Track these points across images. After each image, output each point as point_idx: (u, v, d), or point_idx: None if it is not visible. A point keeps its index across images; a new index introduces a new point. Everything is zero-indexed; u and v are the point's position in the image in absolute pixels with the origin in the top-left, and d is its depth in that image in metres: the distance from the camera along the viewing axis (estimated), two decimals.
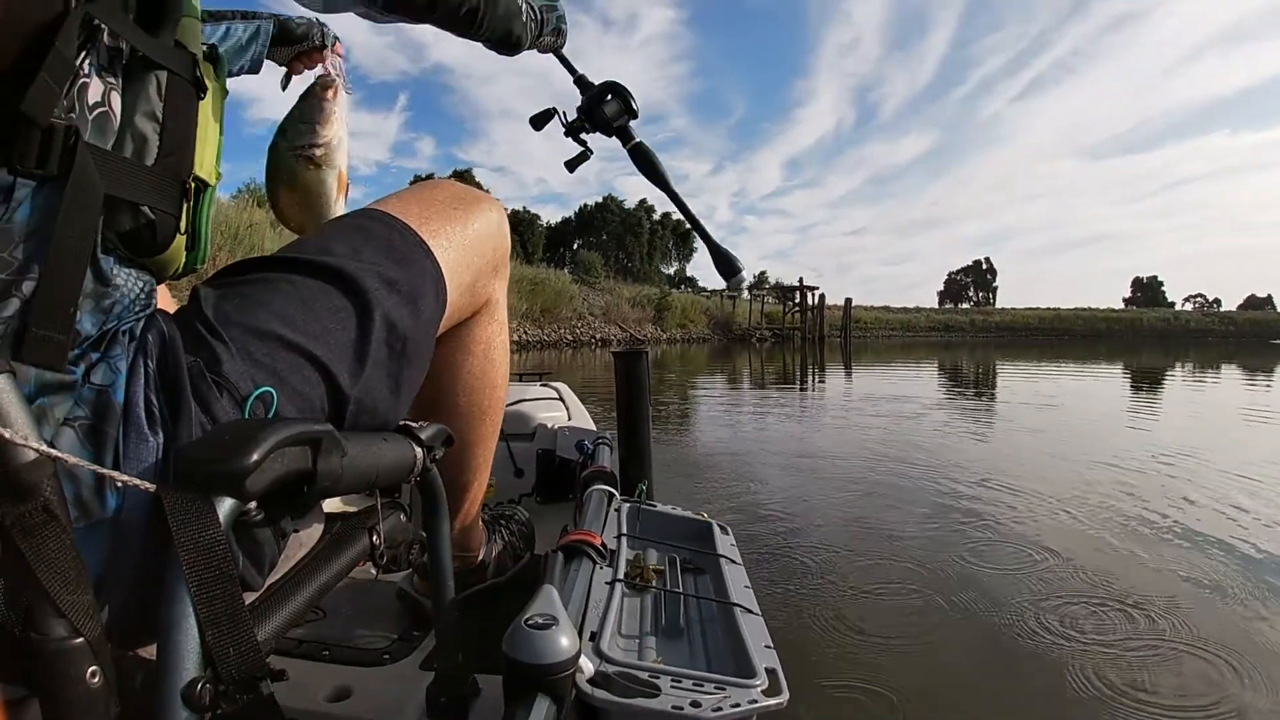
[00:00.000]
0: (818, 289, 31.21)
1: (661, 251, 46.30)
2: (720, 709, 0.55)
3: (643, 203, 45.56)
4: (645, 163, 1.09)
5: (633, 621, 0.77)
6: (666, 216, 46.81)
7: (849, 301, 33.41)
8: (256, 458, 0.34)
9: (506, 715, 0.50)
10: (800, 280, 31.25)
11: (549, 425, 1.46)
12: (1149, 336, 41.12)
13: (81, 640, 0.30)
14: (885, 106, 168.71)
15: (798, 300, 31.31)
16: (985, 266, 79.01)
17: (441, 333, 0.64)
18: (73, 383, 0.35)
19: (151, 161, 0.41)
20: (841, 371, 10.96)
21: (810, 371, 11.00)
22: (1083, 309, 56.89)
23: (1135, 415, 5.59)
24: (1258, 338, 37.87)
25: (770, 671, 0.62)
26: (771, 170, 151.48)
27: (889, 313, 47.73)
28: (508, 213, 0.76)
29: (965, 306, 69.59)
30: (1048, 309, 55.64)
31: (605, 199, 45.30)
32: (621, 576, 0.80)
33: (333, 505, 0.54)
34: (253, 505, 0.37)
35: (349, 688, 0.74)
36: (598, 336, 21.69)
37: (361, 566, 0.52)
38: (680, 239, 47.70)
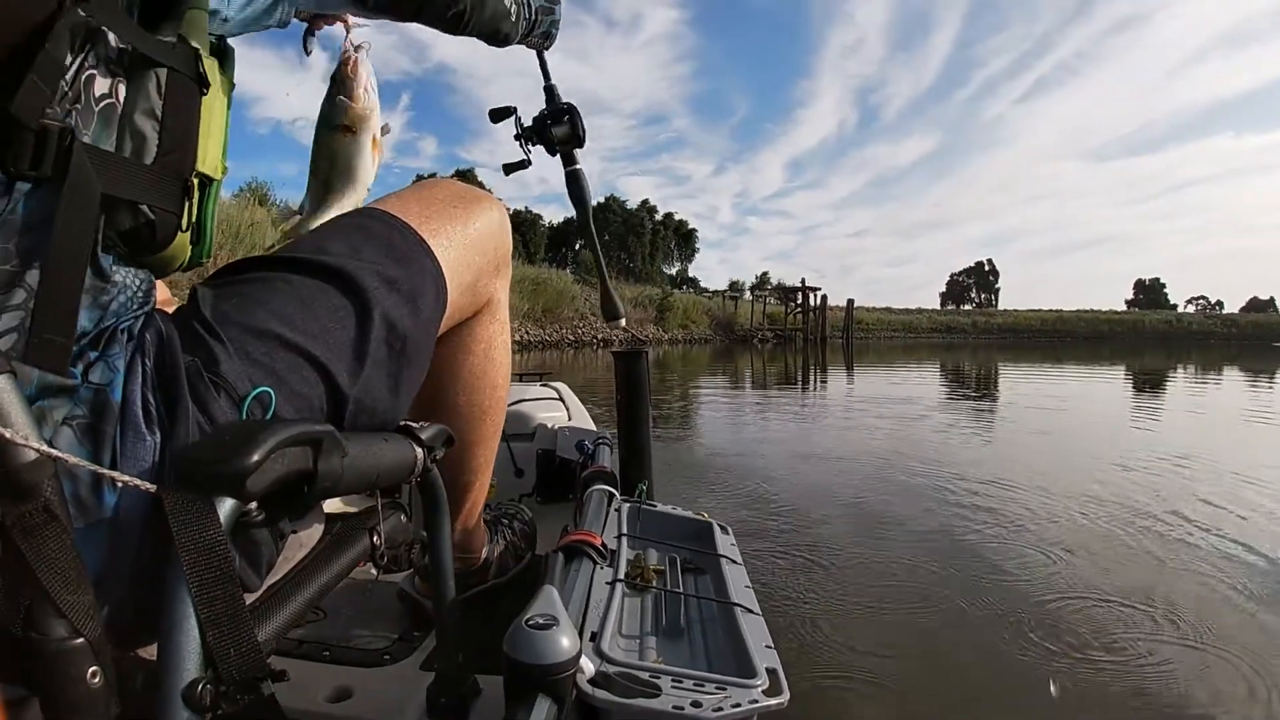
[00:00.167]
0: (820, 290, 31.25)
1: (664, 252, 46.30)
2: (721, 709, 0.55)
3: (645, 203, 45.68)
4: (575, 190, 1.18)
5: (633, 622, 0.77)
6: (669, 217, 46.85)
7: (851, 303, 33.37)
8: (257, 458, 0.34)
9: (507, 716, 0.50)
10: (803, 281, 31.25)
11: (549, 425, 1.47)
12: (1151, 338, 41.08)
13: (82, 640, 0.30)
14: (888, 108, 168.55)
15: (800, 301, 31.29)
16: (988, 268, 78.96)
17: (442, 332, 0.64)
18: (74, 386, 0.35)
19: (151, 160, 0.41)
20: (843, 373, 10.95)
21: (812, 372, 10.99)
22: (1085, 311, 56.81)
23: (1141, 418, 5.59)
24: (1260, 340, 37.79)
25: (771, 671, 0.62)
26: (774, 171, 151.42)
27: (891, 314, 47.69)
28: (510, 212, 0.76)
29: (967, 308, 69.49)
30: (1050, 311, 55.57)
31: (607, 199, 45.24)
32: (622, 576, 0.80)
33: (333, 505, 0.54)
34: (253, 506, 0.36)
35: (349, 688, 0.74)
36: (599, 337, 21.67)
37: (362, 567, 0.52)
38: (682, 239, 47.71)
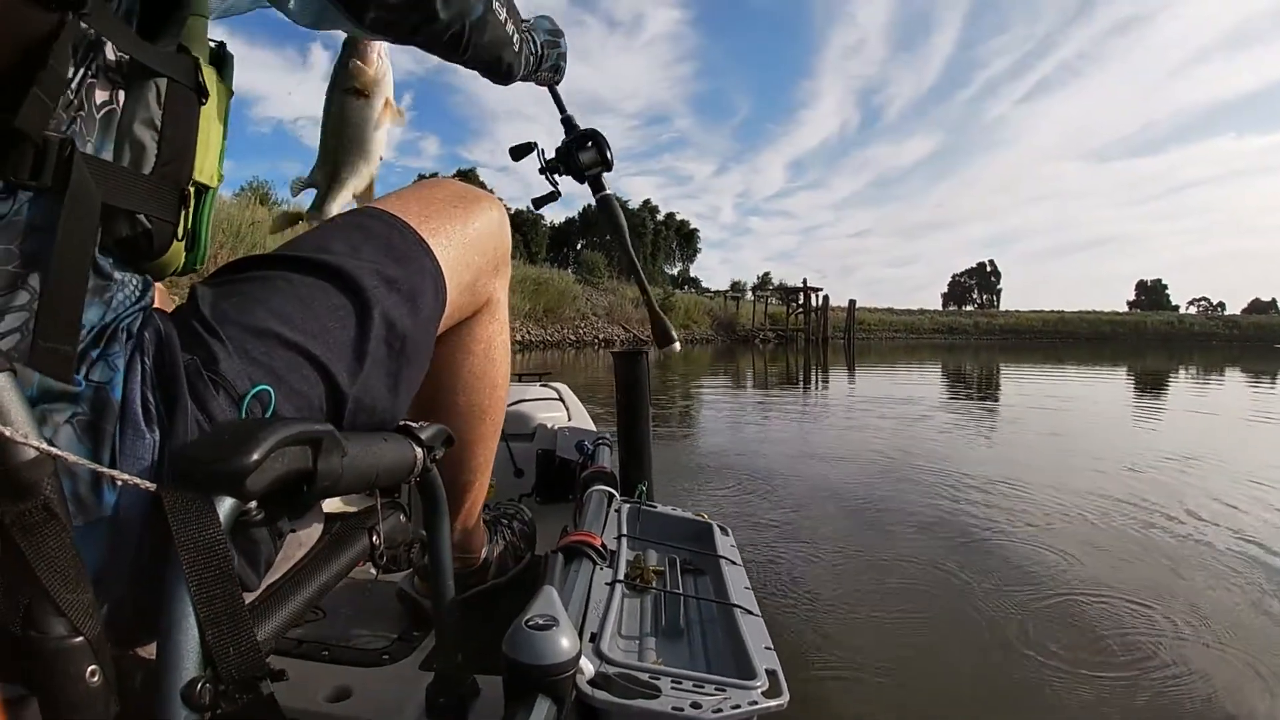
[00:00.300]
0: (821, 290, 31.20)
1: (665, 252, 46.29)
2: (720, 710, 0.55)
3: (646, 203, 45.63)
4: (609, 215, 1.12)
5: (633, 622, 0.77)
6: (670, 217, 46.85)
7: (853, 303, 33.33)
8: (257, 457, 0.34)
9: (506, 716, 0.50)
10: (804, 281, 31.21)
11: (549, 425, 1.47)
12: (1153, 340, 41.01)
13: (81, 639, 0.30)
14: (890, 108, 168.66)
15: (801, 301, 31.27)
16: (989, 269, 78.88)
17: (442, 332, 0.64)
18: (77, 393, 0.35)
19: (149, 170, 0.41)
20: (845, 373, 10.94)
21: (814, 373, 10.97)
22: (1087, 312, 56.73)
23: (1146, 419, 5.58)
24: (1262, 342, 37.69)
25: (770, 673, 0.62)
26: (776, 171, 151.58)
27: (893, 314, 47.67)
28: (511, 212, 0.76)
29: (969, 309, 69.46)
30: (1052, 311, 55.51)
31: None
32: (622, 577, 0.80)
33: (332, 505, 0.54)
34: (252, 505, 0.37)
35: (349, 688, 0.74)
36: (601, 337, 21.67)
37: (361, 566, 0.52)
38: (684, 240, 47.68)
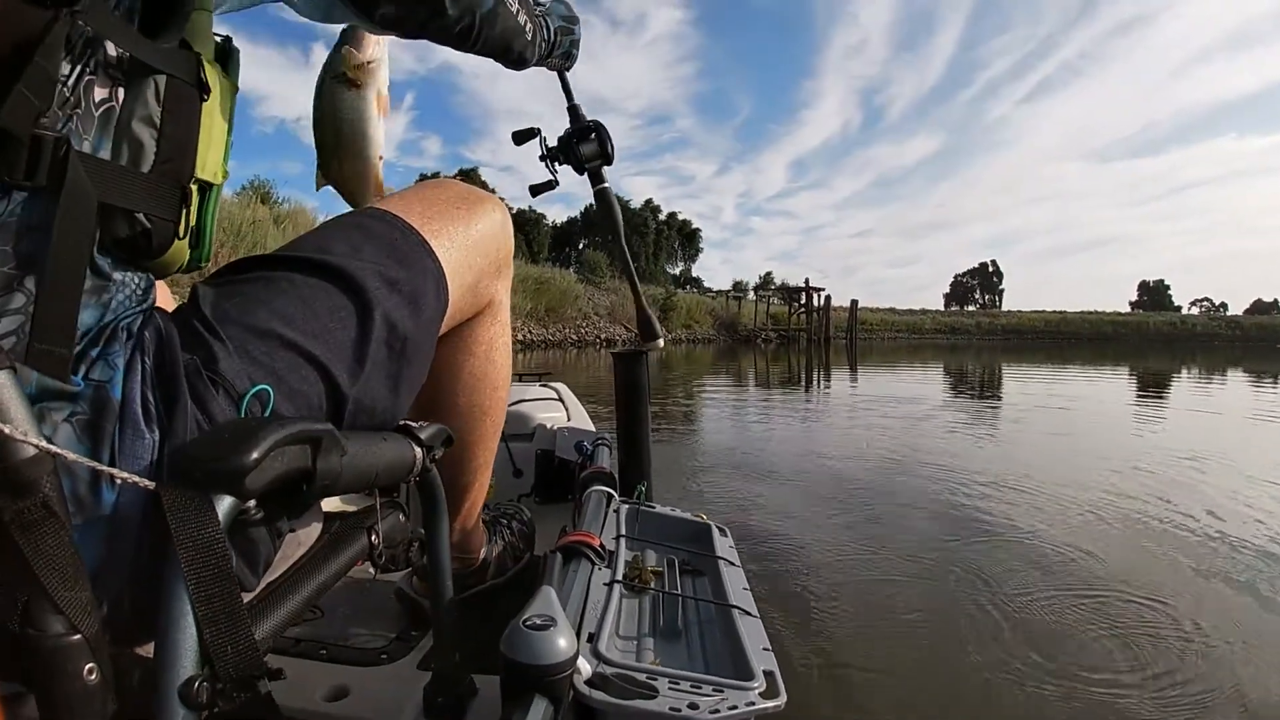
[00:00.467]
0: (823, 290, 31.16)
1: (667, 252, 46.28)
2: (718, 711, 0.55)
3: (648, 203, 45.63)
4: (605, 209, 1.14)
5: (631, 623, 0.77)
6: (673, 217, 46.82)
7: (855, 303, 33.27)
8: (256, 456, 0.34)
9: (504, 716, 0.50)
10: (806, 281, 31.18)
11: (548, 426, 1.47)
12: (1155, 340, 40.92)
13: (79, 637, 0.30)
14: (892, 108, 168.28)
15: (803, 301, 31.23)
16: (991, 269, 78.74)
17: (443, 333, 0.64)
18: (75, 393, 0.35)
19: (148, 168, 0.41)
20: (848, 373, 10.92)
21: (816, 373, 10.97)
22: (1089, 312, 56.63)
23: (1152, 418, 5.57)
24: (1264, 342, 37.59)
25: (768, 674, 0.62)
26: (777, 171, 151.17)
27: (895, 314, 47.59)
28: (513, 212, 0.76)
29: (971, 309, 69.37)
30: (1054, 312, 55.41)
31: None
32: (620, 578, 0.81)
33: (331, 504, 0.54)
34: (251, 504, 0.37)
35: (346, 687, 0.74)
36: (602, 336, 21.67)
37: (360, 566, 0.52)
38: (686, 239, 47.65)
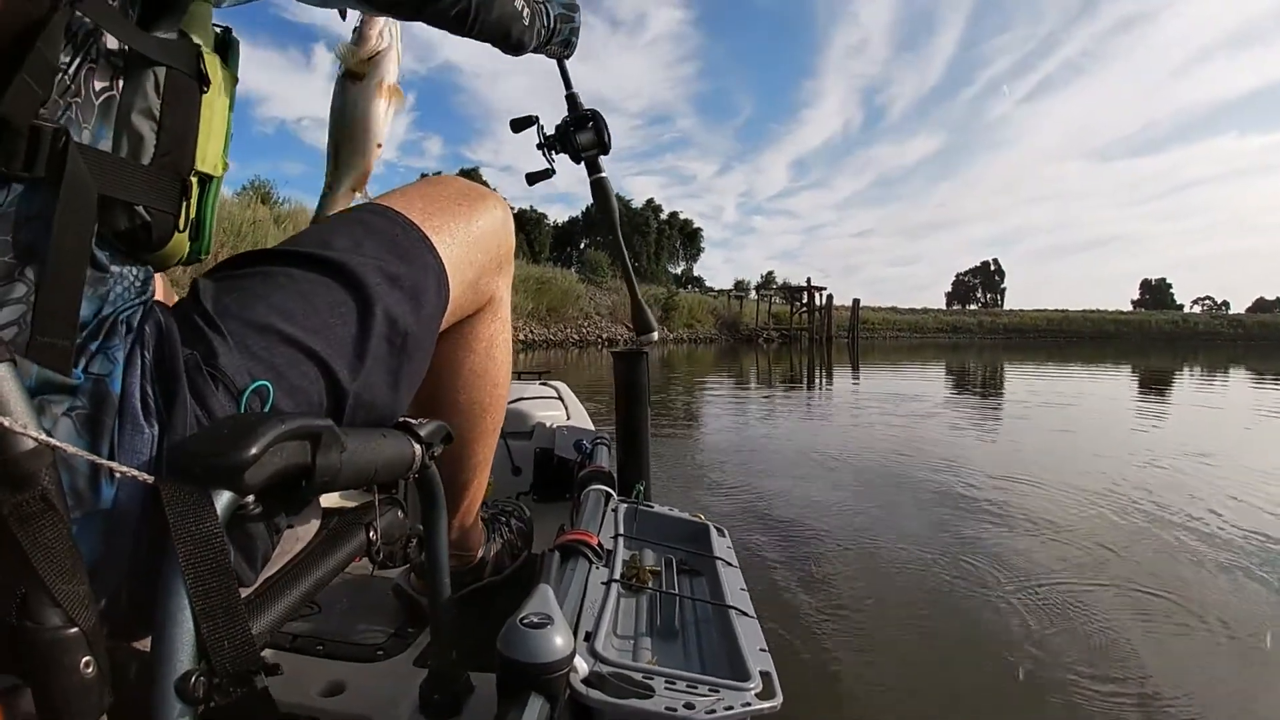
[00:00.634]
0: (825, 289, 31.10)
1: (669, 251, 46.20)
2: (714, 711, 0.55)
3: (650, 202, 45.54)
4: (602, 198, 1.15)
5: (628, 622, 0.77)
6: (674, 216, 46.74)
7: (857, 302, 33.18)
8: (255, 451, 0.34)
9: (500, 714, 0.50)
10: (808, 280, 31.12)
11: (547, 424, 1.47)
12: (1158, 339, 40.82)
13: (76, 630, 0.30)
14: (893, 108, 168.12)
15: (805, 301, 31.19)
16: (993, 268, 78.63)
17: (443, 329, 0.64)
18: (75, 386, 0.35)
19: (148, 160, 0.41)
20: (850, 372, 10.91)
21: (818, 372, 10.95)
22: (1091, 311, 56.46)
23: (1159, 416, 5.59)
24: (1266, 341, 37.48)
25: (765, 675, 0.62)
26: (778, 171, 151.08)
27: (897, 314, 47.50)
28: (514, 212, 0.76)
29: (973, 308, 69.27)
30: (1056, 311, 55.27)
31: None
32: (618, 577, 0.80)
33: (330, 500, 0.55)
34: (250, 499, 0.37)
35: (343, 683, 0.74)
36: (604, 336, 21.64)
37: (358, 562, 0.52)
38: (687, 239, 47.56)
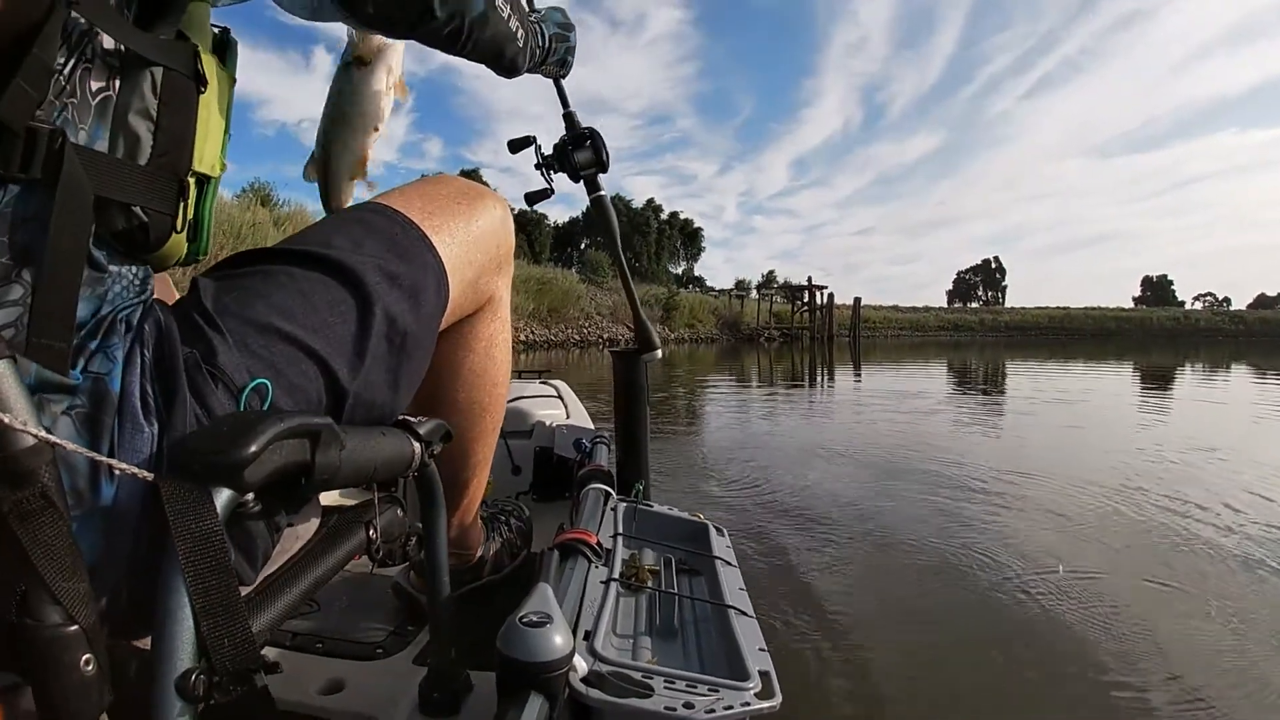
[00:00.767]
0: (826, 288, 31.08)
1: (669, 251, 46.17)
2: (713, 711, 0.55)
3: (650, 202, 45.51)
4: (601, 216, 1.13)
5: (627, 621, 0.77)
6: (674, 216, 46.73)
7: (858, 301, 33.15)
8: (255, 449, 0.34)
9: (499, 712, 0.50)
10: (809, 279, 31.09)
11: (547, 423, 1.46)
12: (1159, 335, 40.76)
13: (76, 628, 0.30)
14: (893, 106, 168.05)
15: (806, 300, 31.16)
16: (994, 266, 78.54)
17: (443, 329, 0.64)
18: (74, 385, 0.35)
19: (145, 161, 0.40)
20: (852, 371, 10.90)
21: (820, 370, 10.94)
22: (1092, 308, 56.39)
23: (1164, 411, 5.59)
24: (1268, 337, 37.38)
25: (764, 674, 0.62)
26: (779, 170, 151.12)
27: (898, 312, 47.45)
28: (515, 212, 0.76)
29: (974, 306, 69.24)
30: (1057, 308, 55.18)
31: (613, 199, 44.86)
32: (617, 576, 0.80)
33: (330, 499, 0.55)
34: (250, 497, 0.37)
35: (342, 681, 0.74)
36: (605, 336, 21.60)
37: (357, 560, 0.52)
38: (688, 239, 47.54)
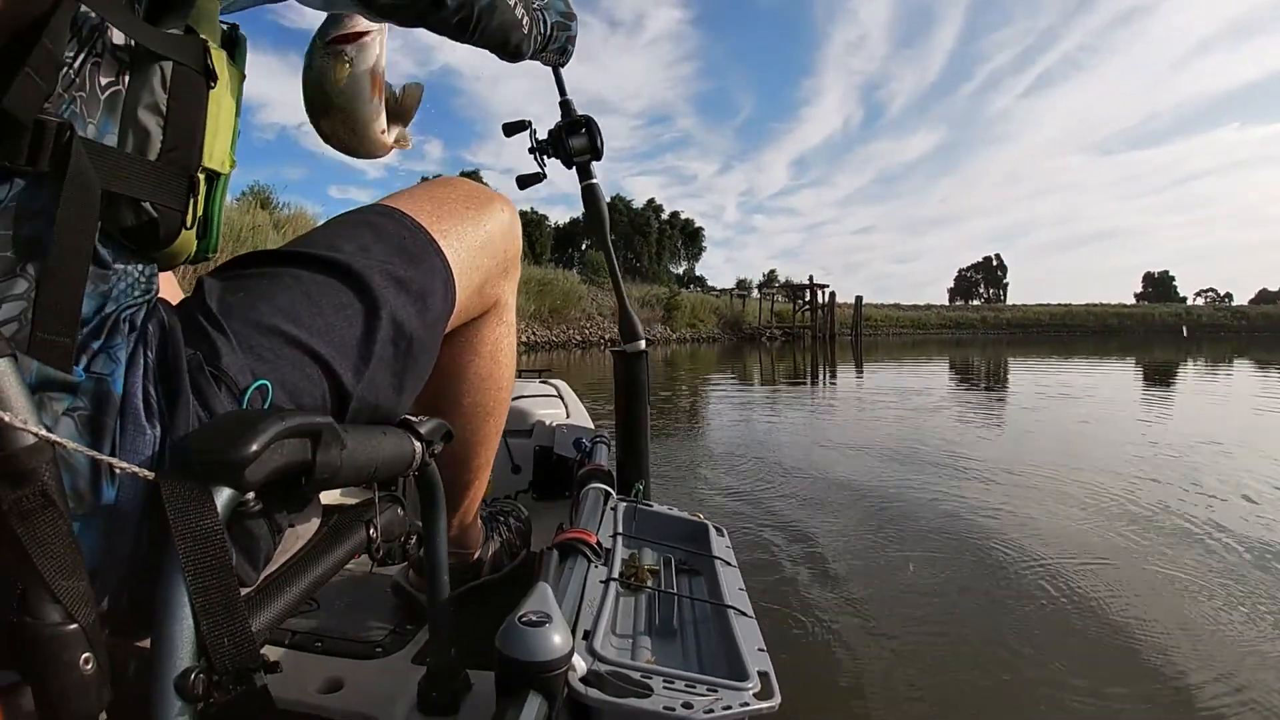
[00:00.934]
0: (828, 287, 31.06)
1: (670, 251, 46.16)
2: (712, 711, 0.55)
3: (651, 202, 45.52)
4: (592, 205, 1.14)
5: (626, 621, 0.77)
6: (675, 216, 46.71)
7: (859, 299, 33.13)
8: (256, 448, 0.34)
9: (498, 712, 0.50)
10: (810, 278, 31.08)
11: (547, 422, 1.46)
12: (1161, 332, 40.65)
13: (75, 626, 0.30)
14: (893, 104, 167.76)
15: (808, 299, 31.14)
16: (995, 263, 78.39)
17: (448, 332, 0.64)
18: (76, 384, 0.35)
19: (154, 156, 0.40)
20: (854, 369, 10.88)
21: (822, 369, 10.92)
22: (1094, 305, 56.31)
23: (1171, 406, 5.60)
24: (1270, 332, 37.36)
25: (763, 675, 0.62)
26: (779, 169, 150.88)
27: (899, 310, 47.46)
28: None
29: (976, 303, 69.19)
30: (1059, 305, 55.16)
31: (613, 199, 45.13)
32: (616, 576, 0.80)
33: (330, 498, 0.55)
34: (251, 496, 0.37)
35: (341, 679, 0.74)
36: (607, 337, 21.57)
37: (357, 559, 0.52)
38: (689, 238, 47.52)
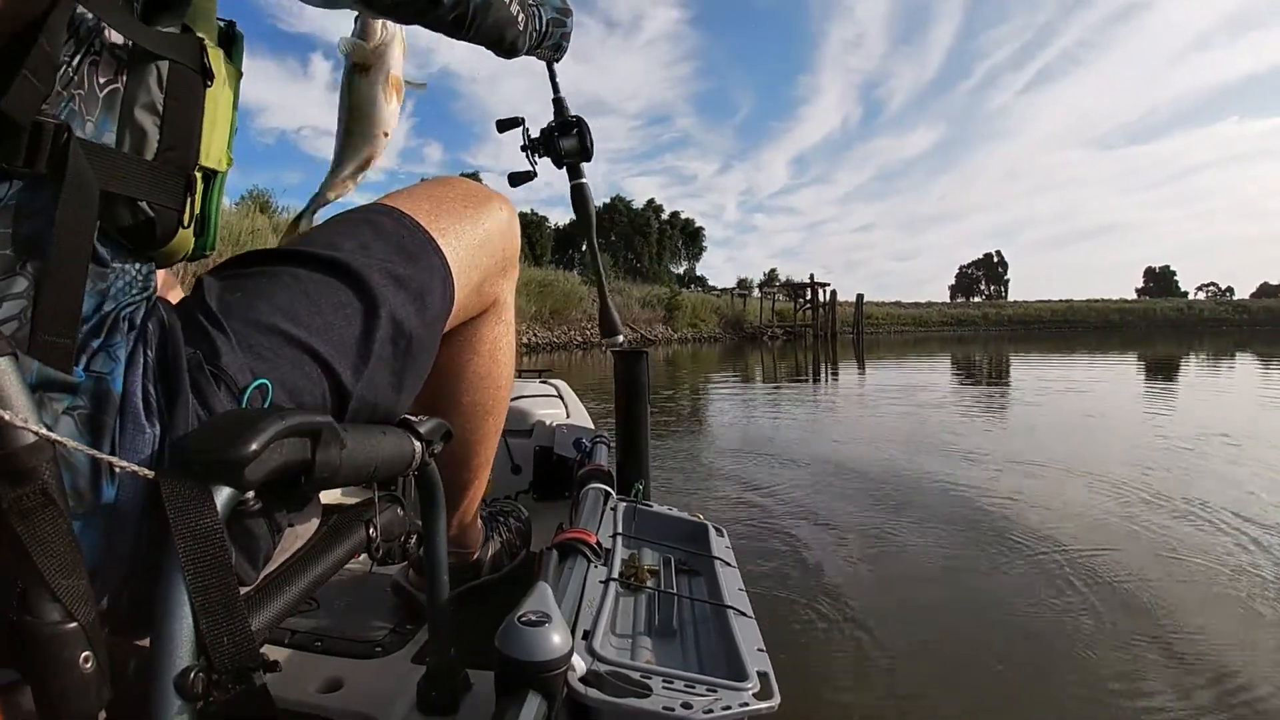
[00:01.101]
0: (828, 285, 31.05)
1: (671, 251, 46.17)
2: (711, 711, 0.55)
3: (650, 203, 45.52)
4: (579, 205, 1.16)
5: (626, 621, 0.77)
6: (675, 216, 46.71)
7: (860, 297, 33.11)
8: (255, 447, 0.34)
9: (498, 711, 0.50)
10: (811, 277, 31.07)
11: (547, 422, 1.46)
12: (1163, 326, 40.59)
13: (75, 625, 0.30)
14: (892, 101, 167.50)
15: (809, 297, 31.13)
16: (996, 259, 78.33)
17: (447, 331, 0.65)
18: (76, 383, 0.35)
19: (152, 155, 0.40)
20: (855, 367, 10.89)
21: (824, 368, 10.92)
22: (1095, 300, 56.24)
23: (1177, 400, 5.62)
24: (1272, 326, 37.26)
25: (762, 675, 0.62)
26: (778, 168, 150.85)
27: (900, 308, 47.42)
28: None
29: (977, 300, 69.15)
30: (1060, 301, 55.11)
31: (614, 199, 45.10)
32: (616, 576, 0.80)
33: (330, 497, 0.55)
34: (250, 495, 0.37)
35: (340, 679, 0.74)
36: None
37: (357, 559, 0.52)
38: (689, 238, 47.52)
